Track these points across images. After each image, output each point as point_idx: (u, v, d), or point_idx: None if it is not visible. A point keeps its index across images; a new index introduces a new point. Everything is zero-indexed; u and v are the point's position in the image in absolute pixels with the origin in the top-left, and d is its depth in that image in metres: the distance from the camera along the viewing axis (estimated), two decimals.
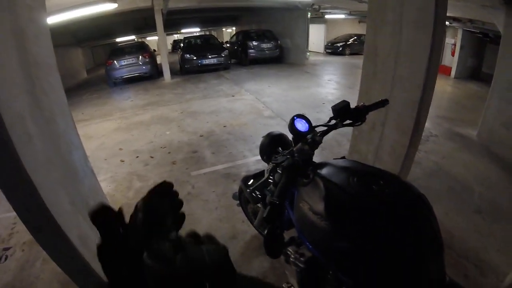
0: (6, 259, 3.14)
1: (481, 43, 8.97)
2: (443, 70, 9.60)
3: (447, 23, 8.09)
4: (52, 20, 7.30)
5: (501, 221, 3.06)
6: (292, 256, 1.53)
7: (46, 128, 2.11)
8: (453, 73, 9.46)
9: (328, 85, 9.99)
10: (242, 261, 2.80)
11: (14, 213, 1.73)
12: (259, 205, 2.22)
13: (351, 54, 18.22)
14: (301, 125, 1.48)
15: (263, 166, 4.21)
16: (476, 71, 9.19)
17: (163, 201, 0.56)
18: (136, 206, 0.52)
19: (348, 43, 18.73)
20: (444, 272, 1.03)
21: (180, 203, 0.57)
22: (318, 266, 1.40)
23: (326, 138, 1.46)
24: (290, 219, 1.57)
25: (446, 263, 1.04)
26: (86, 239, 2.23)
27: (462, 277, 2.43)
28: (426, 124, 2.95)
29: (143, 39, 22.20)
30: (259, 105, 7.86)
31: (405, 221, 1.05)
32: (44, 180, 1.82)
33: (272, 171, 1.57)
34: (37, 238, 1.92)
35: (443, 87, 8.19)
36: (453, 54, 9.53)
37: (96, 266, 2.21)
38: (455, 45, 9.46)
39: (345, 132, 4.42)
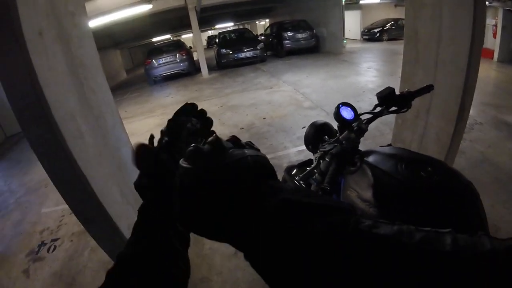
0: (54, 249, 3.30)
1: None
2: (485, 53, 8.82)
3: (486, 2, 7.61)
4: (92, 24, 7.57)
5: None
6: None
7: (96, 125, 2.19)
8: (495, 56, 8.77)
9: (367, 73, 9.68)
10: None
11: (62, 207, 1.80)
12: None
13: (389, 39, 17.57)
14: (347, 113, 1.43)
15: (305, 156, 4.20)
16: None
17: (187, 119, 0.64)
18: (162, 131, 0.64)
19: (385, 28, 18.05)
20: None
21: (204, 115, 0.68)
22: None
23: (368, 127, 1.42)
24: None
25: None
26: None
27: None
28: (471, 112, 2.80)
29: (178, 37, 22.60)
30: (298, 96, 7.75)
31: (453, 208, 1.03)
32: (95, 174, 1.89)
33: (320, 159, 1.55)
34: (88, 229, 2.00)
35: (486, 71, 7.66)
36: (494, 36, 8.85)
37: None
38: (496, 26, 8.83)
39: (388, 121, 4.28)
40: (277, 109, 6.96)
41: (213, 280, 2.59)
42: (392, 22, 17.99)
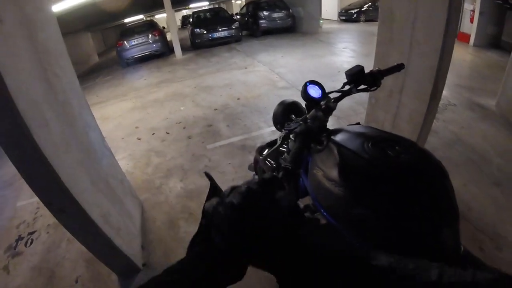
0: (32, 242, 3.27)
1: (501, 10, 8.47)
2: (462, 37, 9.16)
3: None
4: (58, 7, 7.30)
5: None
6: None
7: (62, 111, 2.14)
8: (472, 40, 8.90)
9: (343, 53, 9.71)
10: None
11: (37, 198, 1.77)
12: (274, 173, 2.21)
13: (366, 20, 17.45)
14: (314, 91, 1.43)
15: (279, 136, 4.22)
16: (496, 39, 8.55)
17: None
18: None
19: (362, 9, 17.88)
20: (459, 241, 1.02)
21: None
22: (333, 233, 1.40)
23: (342, 106, 1.44)
24: (305, 187, 1.56)
25: (462, 235, 1.02)
26: (108, 216, 2.30)
27: (477, 249, 2.40)
28: (445, 93, 2.86)
29: (151, 18, 21.99)
30: (273, 76, 7.75)
31: (421, 187, 1.02)
32: (63, 162, 1.86)
33: (285, 139, 1.56)
34: (60, 220, 1.98)
35: (462, 54, 7.83)
36: (472, 21, 8.94)
37: (119, 242, 2.30)
38: (473, 11, 8.89)
39: (362, 101, 4.33)
40: (251, 90, 6.96)
41: None
42: (370, 3, 17.78)
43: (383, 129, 1.33)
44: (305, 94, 1.42)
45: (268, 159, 2.07)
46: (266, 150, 2.41)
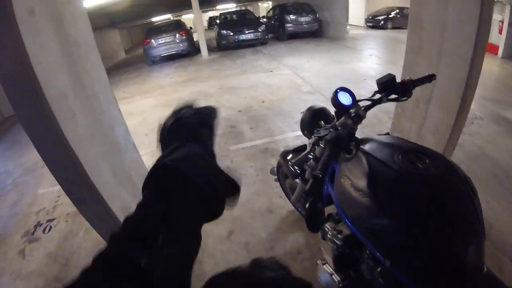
0: (50, 229, 3.32)
1: None
2: (490, 49, 8.75)
3: None
4: (88, 2, 7.44)
5: None
6: (330, 232, 1.51)
7: (89, 105, 2.16)
8: (500, 52, 8.65)
9: (369, 60, 9.58)
10: (277, 235, 2.80)
11: (58, 187, 1.79)
12: (297, 180, 2.18)
13: (393, 28, 17.23)
14: (345, 99, 1.40)
15: (302, 141, 4.17)
16: None
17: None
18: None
19: (390, 16, 17.70)
20: (483, 261, 0.97)
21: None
22: (355, 244, 1.36)
23: (367, 115, 1.39)
24: (329, 195, 1.53)
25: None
26: (128, 209, 2.28)
27: (496, 269, 2.28)
28: (471, 105, 2.79)
29: (179, 17, 22.26)
30: (297, 80, 7.68)
31: (450, 203, 1.00)
32: (87, 154, 1.88)
33: (315, 145, 1.53)
34: (80, 210, 2.01)
35: (490, 66, 7.57)
36: (500, 32, 8.69)
37: None
38: (502, 22, 8.64)
39: (387, 110, 4.26)
40: (276, 93, 6.91)
41: (205, 262, 2.60)
42: (397, 10, 17.59)
43: (409, 140, 1.30)
44: (335, 100, 1.38)
45: (291, 164, 2.04)
46: (291, 155, 2.38)
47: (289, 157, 2.42)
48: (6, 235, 3.36)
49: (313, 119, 1.99)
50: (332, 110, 1.54)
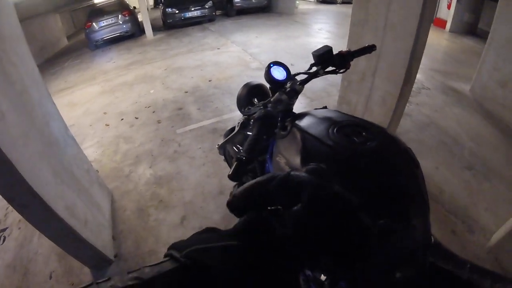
0: (4, 240, 3.16)
1: None
2: (439, 23, 9.35)
3: None
4: None
5: (491, 179, 3.00)
6: None
7: (19, 101, 2.05)
8: (448, 26, 9.09)
9: (318, 35, 9.64)
10: (231, 217, 2.73)
11: None
12: None
13: (344, 2, 17.17)
14: (279, 73, 1.34)
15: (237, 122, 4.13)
16: (472, 26, 8.71)
17: None
18: None
19: None
20: (430, 233, 0.93)
21: None
22: None
23: (315, 88, 1.32)
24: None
25: (435, 218, 0.93)
26: (74, 209, 2.25)
27: (449, 233, 2.41)
28: (419, 77, 2.85)
29: None
30: (246, 57, 7.63)
31: (390, 177, 0.93)
32: (22, 155, 1.79)
33: (244, 124, 1.43)
34: (24, 215, 1.92)
35: (438, 40, 7.90)
36: (449, 7, 9.05)
37: (87, 234, 2.27)
38: None
39: (336, 83, 4.28)
40: (224, 71, 6.84)
41: (161, 251, 2.58)
42: None
43: (356, 112, 1.24)
44: (268, 76, 1.32)
45: (236, 144, 1.95)
46: (232, 134, 2.30)
47: (230, 136, 2.35)
48: None
49: (249, 96, 1.91)
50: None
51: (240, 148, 1.96)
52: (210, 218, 2.84)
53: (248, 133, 1.92)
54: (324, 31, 10.13)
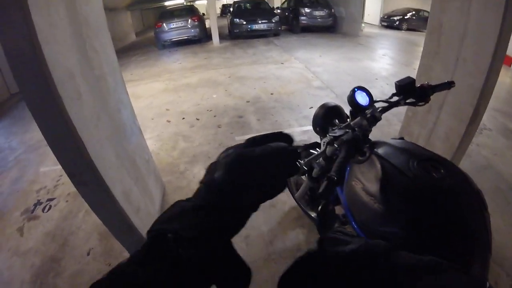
0: (49, 209, 3.31)
1: None
2: (505, 60, 8.78)
3: None
4: None
5: None
6: None
7: (96, 86, 2.12)
8: None
9: (382, 60, 9.43)
10: (278, 230, 2.78)
11: (61, 166, 1.76)
12: (303, 177, 2.14)
13: (408, 29, 17.01)
14: (362, 98, 1.34)
15: (308, 137, 4.14)
16: None
17: None
18: None
19: (405, 17, 17.40)
20: (486, 278, 0.94)
21: None
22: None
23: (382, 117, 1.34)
24: (336, 196, 1.49)
25: None
26: (130, 194, 2.29)
27: (493, 282, 2.28)
28: None
29: (192, 3, 22.16)
30: (308, 75, 7.61)
31: (461, 216, 0.97)
32: (91, 136, 1.85)
33: (330, 144, 1.48)
34: (81, 192, 1.94)
35: (502, 78, 7.46)
36: None
37: (137, 221, 2.27)
38: None
39: (397, 112, 4.21)
40: (285, 86, 6.85)
41: None
42: (414, 12, 17.36)
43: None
44: (352, 99, 1.33)
45: (299, 160, 1.99)
46: (299, 151, 2.33)
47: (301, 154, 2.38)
48: (6, 212, 3.34)
49: (326, 117, 1.94)
50: (346, 108, 1.49)
51: (304, 165, 1.99)
52: (258, 229, 2.81)
53: (311, 151, 1.94)
54: (388, 57, 9.89)
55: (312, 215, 2.57)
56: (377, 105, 1.37)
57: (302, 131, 4.58)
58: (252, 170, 0.54)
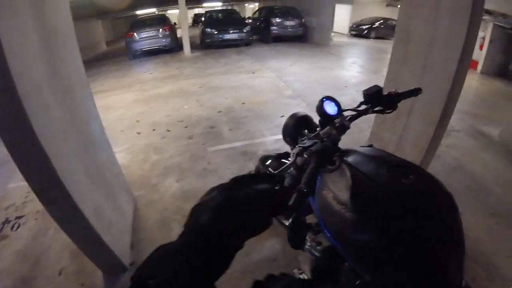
0: (18, 227, 3.19)
1: (511, 39, 8.63)
2: (470, 64, 9.11)
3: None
4: None
5: None
6: (309, 243, 1.47)
7: (64, 97, 2.08)
8: (479, 67, 9.07)
9: (351, 68, 9.70)
10: (253, 241, 2.75)
11: None
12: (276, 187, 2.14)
13: (377, 38, 17.59)
14: (330, 108, 1.37)
15: (281, 146, 4.17)
16: (503, 68, 8.75)
17: None
18: None
19: (374, 26, 18.03)
20: (462, 276, 0.97)
21: None
22: (334, 256, 1.33)
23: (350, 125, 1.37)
24: (308, 205, 1.51)
25: None
26: (100, 210, 2.23)
27: (469, 279, 2.37)
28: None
29: (164, 12, 22.03)
30: (280, 84, 7.71)
31: (433, 220, 0.98)
32: (59, 150, 1.79)
33: (299, 155, 1.49)
34: (49, 210, 1.90)
35: (469, 81, 7.78)
36: (481, 48, 9.04)
37: (108, 238, 2.22)
38: (484, 38, 9.00)
39: (366, 119, 4.29)
40: (257, 95, 6.92)
41: None
42: (382, 20, 18.04)
43: (387, 150, 1.28)
44: (320, 109, 1.35)
45: (271, 170, 1.99)
46: (270, 161, 2.35)
47: (268, 163, 2.39)
48: None
49: (296, 127, 1.96)
50: (315, 117, 1.50)
51: (273, 172, 2.01)
52: None
53: (283, 160, 1.94)
54: (357, 65, 10.19)
55: (287, 224, 2.59)
56: (345, 113, 1.39)
57: (275, 140, 4.61)
58: (238, 214, 0.57)
